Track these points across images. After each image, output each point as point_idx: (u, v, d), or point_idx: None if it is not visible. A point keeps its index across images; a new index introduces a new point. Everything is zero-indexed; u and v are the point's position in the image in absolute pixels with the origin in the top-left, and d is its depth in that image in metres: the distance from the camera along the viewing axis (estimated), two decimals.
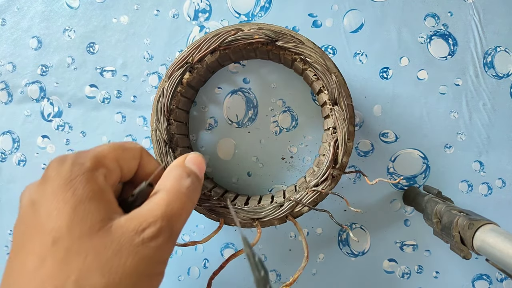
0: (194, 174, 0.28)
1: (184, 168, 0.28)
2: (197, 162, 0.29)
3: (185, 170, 0.27)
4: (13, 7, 0.44)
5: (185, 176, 0.27)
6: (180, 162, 0.29)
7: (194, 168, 0.29)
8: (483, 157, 0.42)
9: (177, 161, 0.29)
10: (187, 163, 0.29)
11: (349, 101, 0.35)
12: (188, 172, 0.27)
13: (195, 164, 0.29)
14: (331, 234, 0.44)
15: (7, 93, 0.44)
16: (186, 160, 0.29)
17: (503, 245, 0.26)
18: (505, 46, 0.41)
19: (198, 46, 0.35)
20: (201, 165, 0.30)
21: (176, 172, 0.27)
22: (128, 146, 0.28)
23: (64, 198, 0.22)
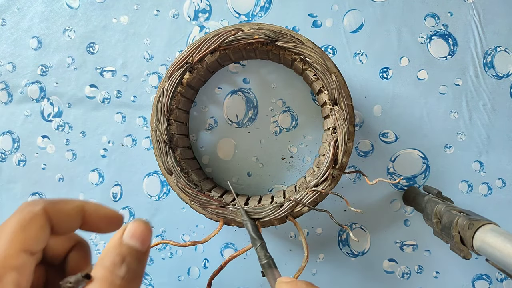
0: (131, 256, 0.24)
1: (119, 249, 0.24)
2: (138, 234, 0.25)
3: (120, 253, 0.23)
4: (13, 7, 0.44)
5: (119, 262, 0.23)
6: (116, 240, 0.25)
7: (134, 243, 0.24)
8: (483, 157, 0.42)
9: (113, 239, 0.25)
10: (125, 239, 0.24)
11: (349, 101, 0.35)
12: (123, 255, 0.23)
13: (135, 237, 0.25)
14: (331, 234, 0.44)
15: (7, 93, 0.44)
16: (124, 235, 0.25)
17: (503, 245, 0.26)
18: (505, 46, 0.41)
19: (198, 46, 0.35)
20: (144, 236, 0.25)
21: (110, 257, 0.23)
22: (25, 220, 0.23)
23: None
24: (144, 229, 0.25)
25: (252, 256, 0.44)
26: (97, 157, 0.44)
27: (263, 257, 0.30)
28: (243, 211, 0.34)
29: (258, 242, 0.31)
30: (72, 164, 0.44)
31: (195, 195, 0.35)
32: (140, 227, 0.25)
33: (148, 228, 0.26)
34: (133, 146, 0.44)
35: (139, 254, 0.24)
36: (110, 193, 0.44)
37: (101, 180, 0.44)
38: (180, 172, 0.35)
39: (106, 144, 0.44)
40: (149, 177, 0.44)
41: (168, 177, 0.36)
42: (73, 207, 0.26)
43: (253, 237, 0.32)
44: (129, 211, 0.44)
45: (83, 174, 0.44)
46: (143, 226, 0.25)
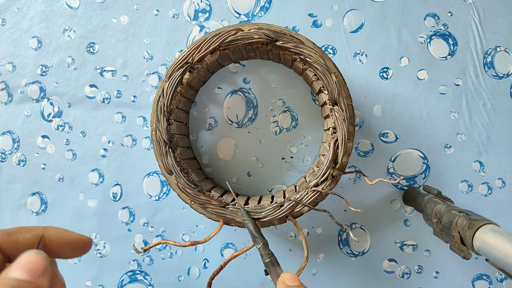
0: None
1: (6, 281, 0.22)
2: (25, 264, 0.24)
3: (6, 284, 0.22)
4: (13, 7, 0.44)
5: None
6: (3, 275, 0.23)
7: (20, 275, 0.23)
8: (483, 157, 0.42)
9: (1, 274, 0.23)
10: (11, 272, 0.23)
11: (349, 101, 0.35)
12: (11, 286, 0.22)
13: (21, 268, 0.23)
14: (331, 234, 0.44)
15: (7, 93, 0.44)
16: (9, 270, 0.23)
17: (503, 245, 0.26)
18: (505, 46, 0.41)
19: (198, 46, 0.35)
20: (33, 264, 0.24)
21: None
22: None
23: None
24: (33, 258, 0.24)
25: (252, 256, 0.44)
26: (97, 157, 0.44)
27: (266, 256, 0.30)
28: (244, 210, 0.34)
29: (260, 241, 0.31)
30: (72, 164, 0.44)
31: (195, 195, 0.35)
32: (28, 258, 0.24)
33: (39, 258, 0.24)
34: (133, 146, 0.44)
35: (29, 284, 0.23)
36: (110, 193, 0.44)
37: (101, 180, 0.44)
38: (180, 172, 0.35)
39: (106, 144, 0.44)
40: (149, 177, 0.44)
41: (168, 177, 0.36)
42: (31, 237, 0.26)
43: (255, 236, 0.32)
44: (129, 211, 0.44)
45: (83, 174, 0.44)
46: (32, 256, 0.24)
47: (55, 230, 0.27)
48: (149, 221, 0.44)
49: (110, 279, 0.45)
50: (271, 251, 0.31)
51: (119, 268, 0.45)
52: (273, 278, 0.29)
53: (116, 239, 0.44)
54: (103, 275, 0.45)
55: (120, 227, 0.44)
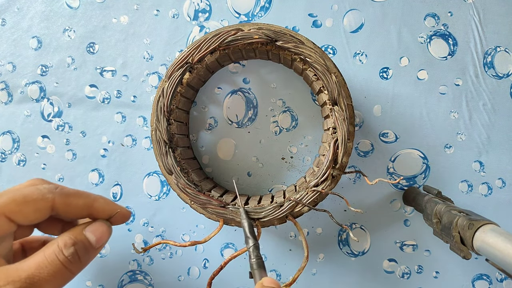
0: (83, 245, 0.28)
1: (74, 235, 0.28)
2: (98, 231, 0.29)
3: (73, 238, 0.27)
4: (13, 7, 0.44)
5: (69, 244, 0.27)
6: (77, 228, 0.29)
7: (91, 238, 0.29)
8: (483, 157, 0.42)
9: (76, 227, 0.29)
10: (86, 231, 0.29)
11: (349, 101, 0.35)
12: (75, 241, 0.27)
13: (94, 233, 0.29)
14: (331, 234, 0.44)
15: (7, 93, 0.44)
16: (86, 228, 0.29)
17: (503, 245, 0.26)
18: (505, 46, 0.41)
19: (198, 46, 0.35)
20: (102, 235, 0.30)
21: (63, 238, 0.27)
22: (33, 198, 0.27)
23: None
24: (105, 230, 0.30)
25: None
26: (97, 157, 0.44)
27: (254, 257, 0.30)
28: (242, 210, 0.34)
29: (252, 242, 0.31)
30: (72, 164, 0.44)
31: (195, 195, 0.35)
32: (102, 228, 0.30)
33: (109, 231, 0.30)
34: (133, 146, 0.44)
35: (90, 247, 0.29)
36: (110, 193, 0.44)
37: (101, 180, 0.44)
38: (180, 172, 0.35)
39: (106, 144, 0.44)
40: (149, 177, 0.44)
41: (168, 177, 0.36)
42: (82, 205, 0.29)
43: (247, 236, 0.32)
44: None
45: (83, 174, 0.44)
46: (105, 227, 0.30)
47: (103, 201, 0.31)
48: (149, 221, 0.44)
49: (110, 279, 0.45)
50: (260, 254, 0.31)
51: (119, 268, 0.45)
52: (256, 281, 0.29)
53: (116, 239, 0.44)
54: (103, 275, 0.45)
55: (120, 227, 0.44)
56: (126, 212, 0.32)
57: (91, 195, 0.31)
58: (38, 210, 0.27)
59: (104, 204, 0.31)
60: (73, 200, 0.29)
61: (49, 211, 0.28)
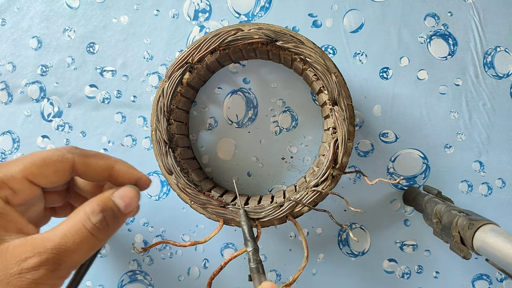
0: (111, 211, 0.27)
1: (102, 201, 0.27)
2: (127, 197, 0.28)
3: (101, 204, 0.26)
4: (13, 7, 0.44)
5: (97, 211, 0.26)
6: (105, 194, 0.28)
7: (119, 203, 0.28)
8: (483, 157, 0.42)
9: (104, 193, 0.28)
10: (114, 197, 0.28)
11: (349, 101, 0.35)
12: (103, 207, 0.26)
13: (122, 199, 0.28)
14: (331, 234, 0.44)
15: (7, 93, 0.44)
16: (114, 194, 0.28)
17: (503, 245, 0.26)
18: (505, 46, 0.41)
19: (198, 46, 0.35)
20: (131, 201, 0.28)
21: (92, 204, 0.26)
22: (52, 160, 0.27)
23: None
24: (134, 195, 0.29)
25: None
26: None
27: (253, 261, 0.30)
28: (242, 211, 0.34)
29: (251, 245, 0.31)
30: None
31: (195, 195, 0.35)
32: (131, 193, 0.29)
33: (137, 196, 0.29)
34: (133, 146, 0.44)
35: (119, 213, 0.28)
36: None
37: None
38: (180, 172, 0.35)
39: (106, 144, 0.44)
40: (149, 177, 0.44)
41: (168, 177, 0.36)
42: (102, 166, 0.29)
43: (247, 239, 0.32)
44: None
45: None
46: (134, 193, 0.29)
47: (123, 165, 0.30)
48: (149, 221, 0.44)
49: (110, 279, 0.45)
50: (259, 258, 0.31)
51: (119, 268, 0.45)
52: (255, 284, 0.29)
53: (116, 239, 0.44)
54: (103, 275, 0.45)
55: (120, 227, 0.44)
56: (147, 179, 0.31)
57: (111, 157, 0.30)
58: (58, 171, 0.27)
59: (126, 167, 0.30)
60: (93, 160, 0.28)
61: (69, 172, 0.27)
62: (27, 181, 0.26)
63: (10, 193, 0.25)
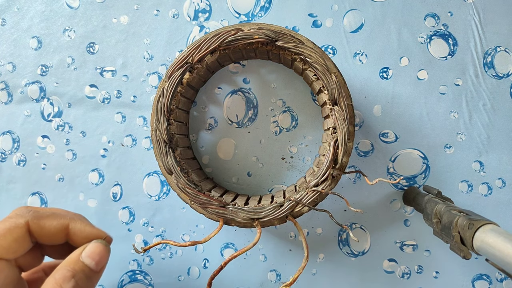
0: (82, 273, 0.26)
1: (73, 265, 0.26)
2: (95, 254, 0.28)
3: (72, 269, 0.26)
4: (13, 7, 0.44)
5: (68, 278, 0.25)
6: (73, 257, 0.27)
7: (89, 263, 0.27)
8: (483, 157, 0.42)
9: (72, 255, 0.28)
10: (82, 257, 0.27)
11: (349, 101, 0.35)
12: (75, 271, 0.26)
13: (91, 257, 0.28)
14: (331, 234, 0.44)
15: (7, 93, 0.44)
16: (82, 254, 0.27)
17: (503, 245, 0.26)
18: (505, 46, 0.41)
19: (198, 46, 0.35)
20: (101, 257, 0.28)
21: (62, 271, 0.26)
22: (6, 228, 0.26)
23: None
24: (103, 251, 0.28)
25: (252, 256, 0.44)
26: (97, 157, 0.44)
27: None
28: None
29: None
30: (72, 164, 0.44)
31: (195, 195, 0.35)
32: (99, 248, 0.28)
33: (106, 251, 0.29)
34: (133, 146, 0.44)
35: (91, 273, 0.27)
36: (110, 193, 0.44)
37: (101, 180, 0.44)
38: (180, 172, 0.35)
39: (106, 144, 0.44)
40: (149, 177, 0.44)
41: (168, 177, 0.36)
42: (56, 226, 0.28)
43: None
44: (129, 211, 0.44)
45: (83, 174, 0.44)
46: (101, 248, 0.28)
47: (79, 224, 0.29)
48: (149, 221, 0.44)
49: (110, 279, 0.45)
50: None
51: (119, 268, 0.45)
52: None
53: (116, 239, 0.44)
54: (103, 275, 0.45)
55: (120, 227, 0.44)
56: (109, 238, 0.31)
57: (67, 215, 0.29)
58: (16, 239, 0.26)
59: (81, 225, 0.29)
60: (46, 221, 0.27)
61: (27, 238, 0.27)
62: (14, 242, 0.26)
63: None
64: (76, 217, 0.29)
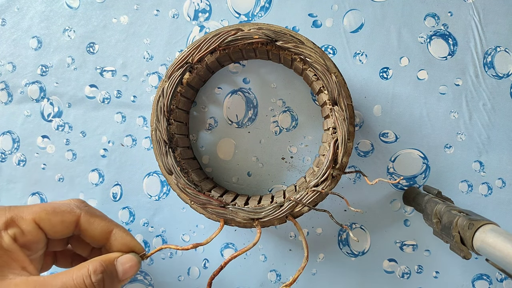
0: (110, 274, 0.29)
1: (105, 263, 0.28)
2: (128, 265, 0.30)
3: (103, 265, 0.28)
4: (13, 7, 0.44)
5: (99, 271, 0.27)
6: (109, 256, 0.30)
7: (119, 269, 0.30)
8: (483, 157, 0.42)
9: (108, 255, 0.30)
10: (117, 261, 0.30)
11: (349, 101, 0.35)
12: (105, 269, 0.28)
13: (123, 265, 0.30)
14: (331, 234, 0.44)
15: (7, 93, 0.44)
16: (118, 259, 0.30)
17: (503, 245, 0.26)
18: (505, 46, 0.41)
19: (198, 46, 0.35)
20: (131, 269, 0.31)
21: (95, 264, 0.28)
22: (61, 210, 0.29)
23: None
24: (134, 265, 0.31)
25: (252, 256, 0.44)
26: (97, 157, 0.44)
27: None
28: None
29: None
30: (72, 164, 0.44)
31: (195, 195, 0.35)
32: (133, 262, 0.31)
33: (137, 266, 0.32)
34: (133, 146, 0.44)
35: (116, 278, 0.29)
36: (110, 193, 0.44)
37: (101, 180, 0.44)
38: (180, 172, 0.35)
39: (106, 144, 0.44)
40: (149, 177, 0.44)
41: (168, 177, 0.36)
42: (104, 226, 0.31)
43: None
44: (129, 211, 0.44)
45: (83, 174, 0.44)
46: (135, 262, 0.31)
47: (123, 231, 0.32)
48: (149, 221, 0.44)
49: None
50: None
51: None
52: None
53: None
54: None
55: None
56: (142, 249, 0.33)
57: (113, 221, 0.32)
58: (64, 221, 0.29)
59: (124, 233, 0.32)
60: (96, 219, 0.30)
61: (73, 225, 0.29)
62: (35, 225, 0.28)
63: (19, 232, 0.27)
64: (119, 226, 0.32)
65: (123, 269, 0.30)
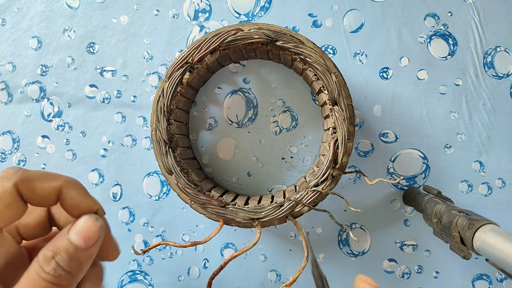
0: (64, 254, 0.22)
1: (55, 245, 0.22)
2: (84, 229, 0.23)
3: (52, 249, 0.22)
4: (13, 7, 0.44)
5: (48, 259, 0.21)
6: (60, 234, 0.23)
7: (77, 240, 0.23)
8: (483, 157, 0.42)
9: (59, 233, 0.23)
10: (70, 234, 0.23)
11: (349, 101, 0.35)
12: (54, 252, 0.22)
13: (80, 234, 0.23)
14: (331, 234, 0.44)
15: (7, 93, 0.44)
16: (70, 231, 0.23)
17: (503, 245, 0.26)
18: (505, 46, 0.41)
19: (198, 46, 0.35)
20: (90, 232, 0.23)
21: (43, 252, 0.22)
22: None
23: None
24: (92, 226, 0.24)
25: (252, 256, 0.44)
26: (97, 157, 0.44)
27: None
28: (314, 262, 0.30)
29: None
30: (72, 164, 0.44)
31: (195, 195, 0.35)
32: (87, 224, 0.24)
33: (97, 225, 0.24)
34: (133, 146, 0.44)
35: (78, 252, 0.23)
36: (110, 193, 0.44)
37: (101, 180, 0.44)
38: (180, 172, 0.35)
39: (106, 144, 0.44)
40: (149, 177, 0.44)
41: (168, 177, 0.36)
42: (49, 188, 0.24)
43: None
44: (129, 211, 0.44)
45: (83, 174, 0.44)
46: (91, 223, 0.24)
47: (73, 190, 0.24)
48: (149, 221, 0.44)
49: (110, 279, 0.45)
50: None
51: (119, 268, 0.45)
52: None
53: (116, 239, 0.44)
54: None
55: (120, 227, 0.44)
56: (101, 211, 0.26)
57: (61, 178, 0.24)
58: (7, 205, 0.22)
59: (74, 192, 0.24)
60: (37, 183, 0.23)
61: (18, 202, 0.23)
62: None
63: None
64: (70, 181, 0.25)
65: (83, 237, 0.23)
